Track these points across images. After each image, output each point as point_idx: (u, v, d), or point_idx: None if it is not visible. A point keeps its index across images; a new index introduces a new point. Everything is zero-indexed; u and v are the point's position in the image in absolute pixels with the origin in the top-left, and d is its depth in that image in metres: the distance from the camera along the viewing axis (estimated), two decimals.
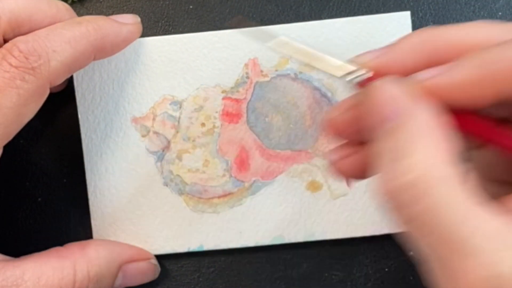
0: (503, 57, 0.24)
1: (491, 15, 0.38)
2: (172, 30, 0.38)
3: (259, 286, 0.38)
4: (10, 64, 0.30)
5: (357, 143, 0.29)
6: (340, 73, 0.28)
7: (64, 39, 0.31)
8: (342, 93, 0.37)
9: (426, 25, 0.38)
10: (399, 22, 0.36)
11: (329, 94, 0.37)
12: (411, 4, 0.38)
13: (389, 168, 0.24)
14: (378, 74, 0.27)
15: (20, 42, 0.30)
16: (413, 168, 0.23)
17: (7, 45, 0.30)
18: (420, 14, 0.38)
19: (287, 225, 0.37)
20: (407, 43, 0.27)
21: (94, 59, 0.33)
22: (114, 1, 0.38)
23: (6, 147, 0.37)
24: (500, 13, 0.38)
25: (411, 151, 0.24)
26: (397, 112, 0.25)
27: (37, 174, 0.38)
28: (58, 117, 0.38)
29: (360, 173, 0.29)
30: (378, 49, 0.28)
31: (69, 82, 0.37)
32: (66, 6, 0.34)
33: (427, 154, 0.24)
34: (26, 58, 0.30)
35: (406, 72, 0.27)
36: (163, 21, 0.38)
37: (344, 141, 0.30)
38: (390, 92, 0.26)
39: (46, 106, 0.37)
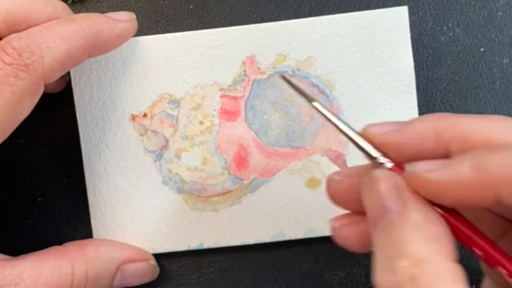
0: (506, 163, 0.24)
1: (491, 15, 0.38)
2: (172, 30, 0.38)
3: (259, 286, 0.38)
4: (3, 62, 0.30)
5: (360, 214, 0.29)
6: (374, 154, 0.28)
7: (58, 35, 0.31)
8: (339, 89, 0.37)
9: (426, 25, 0.38)
10: (396, 17, 0.36)
11: (327, 91, 0.37)
12: (411, 4, 0.38)
13: (384, 267, 0.25)
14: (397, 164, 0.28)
15: (13, 39, 0.30)
16: (406, 269, 0.24)
17: (1, 42, 0.31)
18: (420, 14, 0.38)
19: (287, 222, 0.37)
20: (422, 126, 0.27)
21: (89, 56, 0.33)
22: (114, 1, 0.38)
23: (5, 147, 0.37)
24: (500, 13, 0.38)
25: (406, 250, 0.24)
26: (394, 207, 0.26)
27: (37, 174, 0.38)
28: (56, 117, 0.38)
29: (361, 243, 0.29)
30: (391, 123, 0.28)
31: (68, 82, 0.37)
32: (62, 5, 0.34)
33: (421, 253, 0.24)
34: (19, 55, 0.30)
35: (411, 154, 0.27)
36: (163, 21, 0.38)
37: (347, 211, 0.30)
38: (391, 185, 0.26)
39: (45, 106, 0.37)
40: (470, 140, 0.26)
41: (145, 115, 0.37)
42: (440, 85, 0.38)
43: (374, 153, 0.28)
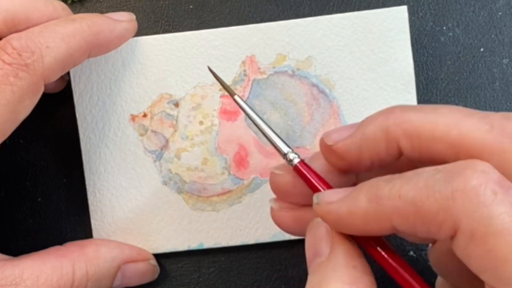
0: (397, 194, 0.25)
1: (491, 15, 0.38)
2: (172, 30, 0.38)
3: (259, 286, 0.38)
4: (3, 61, 0.30)
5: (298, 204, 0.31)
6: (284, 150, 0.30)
7: (58, 35, 0.31)
8: (339, 89, 0.37)
9: (426, 25, 0.38)
10: (395, 17, 0.36)
11: (326, 91, 0.37)
12: (411, 4, 0.38)
13: None
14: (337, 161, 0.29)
15: (13, 39, 0.30)
16: None
17: (0, 42, 0.31)
18: (420, 14, 0.38)
19: None
20: (372, 127, 0.28)
21: (89, 56, 0.33)
22: (114, 1, 0.38)
23: (5, 147, 0.37)
24: (500, 13, 0.38)
25: None
26: (323, 251, 0.28)
27: (37, 174, 0.38)
28: (56, 117, 0.38)
29: (295, 229, 0.32)
30: (346, 128, 0.29)
31: (68, 83, 0.37)
32: (62, 5, 0.34)
33: None
34: (19, 55, 0.30)
35: (369, 159, 0.28)
36: (163, 21, 0.38)
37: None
38: (322, 230, 0.28)
39: (45, 107, 0.37)
40: (417, 136, 0.27)
41: (145, 115, 0.37)
42: (440, 85, 0.38)
43: (285, 149, 0.30)
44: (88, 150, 0.37)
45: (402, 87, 0.37)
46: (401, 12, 0.36)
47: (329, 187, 0.29)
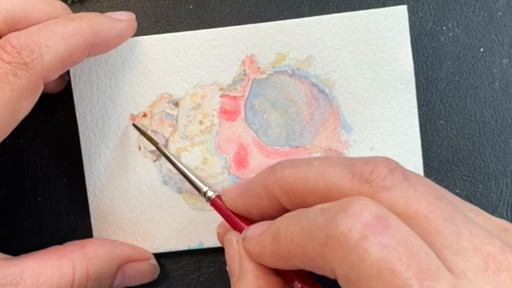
0: (290, 237, 0.26)
1: (491, 15, 0.38)
2: (172, 30, 0.38)
3: None
4: (3, 60, 0.30)
5: None
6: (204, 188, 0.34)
7: (57, 34, 0.31)
8: (339, 89, 0.37)
9: (426, 25, 0.38)
10: (395, 16, 0.36)
11: (326, 90, 0.37)
12: (411, 4, 0.38)
13: None
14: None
15: (12, 38, 0.30)
16: None
17: (0, 41, 0.31)
18: (420, 14, 0.38)
19: None
20: (255, 185, 0.30)
21: (89, 55, 0.33)
22: (114, 1, 0.39)
23: (5, 147, 0.37)
24: (500, 13, 0.38)
25: None
26: (235, 270, 0.29)
27: (37, 174, 0.38)
28: (56, 117, 0.38)
29: None
30: (239, 185, 0.32)
31: (67, 83, 0.37)
32: (62, 5, 0.34)
33: None
34: (19, 53, 0.30)
35: (257, 213, 0.30)
36: (163, 21, 0.38)
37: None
38: (232, 249, 0.30)
39: (45, 107, 0.37)
40: (292, 192, 0.28)
41: (144, 115, 0.37)
42: (439, 85, 0.38)
43: (203, 187, 0.34)
44: (88, 150, 0.37)
45: (402, 86, 0.37)
46: (401, 12, 0.36)
47: (243, 221, 0.31)
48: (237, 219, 0.31)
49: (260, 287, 0.28)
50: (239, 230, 0.31)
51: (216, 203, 0.33)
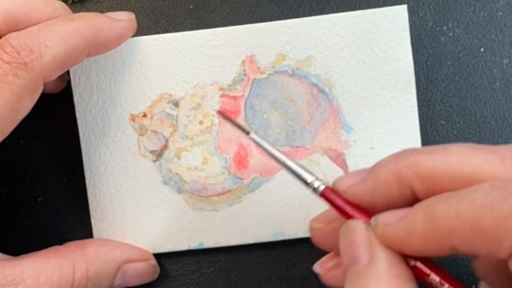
0: (454, 214, 0.25)
1: (491, 15, 0.38)
2: (172, 30, 0.38)
3: (259, 286, 0.38)
4: (2, 60, 0.30)
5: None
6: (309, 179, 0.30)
7: (57, 34, 0.31)
8: (339, 88, 0.37)
9: (426, 25, 0.38)
10: (395, 16, 0.36)
11: (326, 90, 0.37)
12: (411, 4, 0.38)
13: None
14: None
15: (12, 38, 0.30)
16: None
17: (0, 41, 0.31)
18: (420, 14, 0.38)
19: (287, 221, 0.37)
20: (384, 172, 0.28)
21: (88, 55, 0.33)
22: (114, 1, 0.39)
23: (5, 147, 0.37)
24: (500, 13, 0.38)
25: None
26: (362, 258, 0.27)
27: (37, 174, 0.38)
28: (56, 117, 0.38)
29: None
30: (357, 173, 0.29)
31: (67, 83, 0.37)
32: (62, 5, 0.34)
33: None
34: (18, 53, 0.30)
35: (382, 203, 0.28)
36: (163, 21, 0.38)
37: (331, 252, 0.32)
38: (359, 236, 0.27)
39: (45, 107, 0.37)
40: (430, 177, 0.27)
41: (144, 115, 0.37)
42: (440, 85, 0.38)
43: (309, 178, 0.29)
44: (88, 150, 0.37)
45: (402, 86, 0.37)
46: (401, 11, 0.36)
47: (362, 211, 0.29)
48: (357, 211, 0.29)
49: (395, 276, 0.26)
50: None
51: (328, 195, 0.29)
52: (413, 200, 0.27)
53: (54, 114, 0.38)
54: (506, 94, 0.38)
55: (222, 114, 0.34)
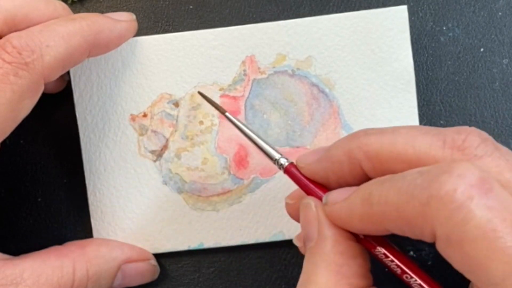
0: (384, 199, 0.25)
1: (491, 15, 0.38)
2: (172, 30, 0.38)
3: (259, 286, 0.38)
4: (4, 60, 0.30)
5: None
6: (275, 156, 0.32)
7: (58, 34, 0.31)
8: (339, 89, 0.37)
9: (426, 25, 0.38)
10: (395, 16, 0.36)
11: (326, 90, 0.37)
12: (411, 4, 0.38)
13: None
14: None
15: (13, 38, 0.30)
16: None
17: (1, 41, 0.31)
18: (420, 14, 0.38)
19: (287, 222, 0.37)
20: (337, 151, 0.29)
21: (89, 55, 0.33)
22: (114, 1, 0.38)
23: (5, 147, 0.37)
24: (500, 13, 0.38)
25: (312, 279, 0.27)
26: (313, 235, 0.28)
27: (37, 174, 0.38)
28: (56, 117, 0.38)
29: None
30: (317, 151, 0.30)
31: (68, 83, 0.37)
32: (63, 5, 0.34)
33: (322, 283, 0.27)
34: (19, 54, 0.30)
35: (335, 180, 0.30)
36: (163, 21, 0.38)
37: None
38: (311, 213, 0.29)
39: (45, 107, 0.37)
40: (376, 157, 0.28)
41: (145, 115, 0.37)
42: (439, 85, 0.38)
43: (276, 155, 0.31)
44: (88, 150, 0.37)
45: (402, 86, 0.37)
46: (401, 12, 0.36)
47: (321, 188, 0.30)
48: (314, 186, 0.30)
49: (340, 253, 0.27)
50: (317, 197, 0.30)
51: (290, 170, 0.31)
52: (364, 178, 0.29)
53: (54, 114, 0.38)
54: (506, 94, 0.38)
55: (201, 94, 0.35)
